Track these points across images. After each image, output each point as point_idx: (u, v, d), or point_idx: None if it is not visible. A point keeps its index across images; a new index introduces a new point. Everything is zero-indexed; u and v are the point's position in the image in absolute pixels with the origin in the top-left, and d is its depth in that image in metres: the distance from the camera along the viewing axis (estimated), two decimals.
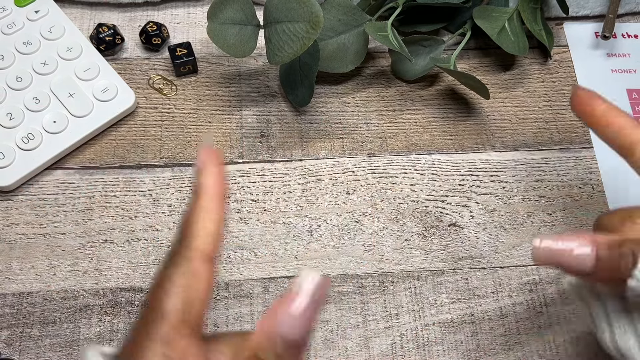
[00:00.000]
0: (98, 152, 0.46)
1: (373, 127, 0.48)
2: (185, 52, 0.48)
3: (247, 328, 0.41)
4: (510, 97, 0.50)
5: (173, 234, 0.43)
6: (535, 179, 0.47)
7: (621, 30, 0.53)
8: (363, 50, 0.47)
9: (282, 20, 0.42)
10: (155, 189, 0.45)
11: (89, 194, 0.45)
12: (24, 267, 0.42)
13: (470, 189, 0.46)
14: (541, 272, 0.43)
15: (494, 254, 0.44)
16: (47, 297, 0.41)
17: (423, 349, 0.41)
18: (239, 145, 0.47)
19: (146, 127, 0.47)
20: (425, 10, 0.50)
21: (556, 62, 0.52)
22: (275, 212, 0.45)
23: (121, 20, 0.51)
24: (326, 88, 0.49)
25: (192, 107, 0.48)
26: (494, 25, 0.48)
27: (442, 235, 0.44)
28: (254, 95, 0.49)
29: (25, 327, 0.40)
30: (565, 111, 0.49)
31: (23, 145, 0.44)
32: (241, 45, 0.44)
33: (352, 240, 0.44)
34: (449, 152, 0.47)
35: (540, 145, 0.48)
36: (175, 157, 0.46)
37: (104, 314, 0.41)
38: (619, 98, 0.50)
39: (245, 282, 0.42)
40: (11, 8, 0.48)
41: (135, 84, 0.48)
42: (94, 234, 0.43)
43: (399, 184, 0.46)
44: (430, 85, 0.50)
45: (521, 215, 0.45)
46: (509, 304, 0.42)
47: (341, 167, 0.46)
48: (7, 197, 0.44)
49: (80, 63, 0.47)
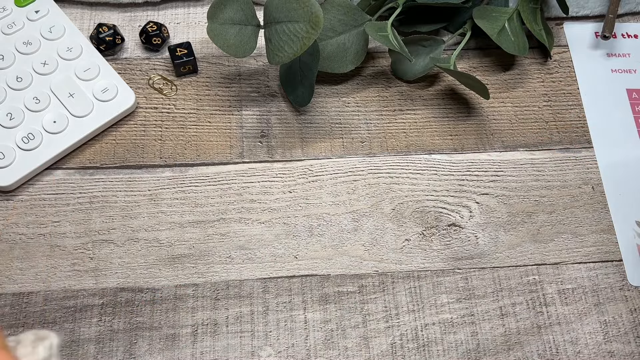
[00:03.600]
0: (98, 152, 0.46)
1: (373, 127, 0.48)
2: (185, 52, 0.48)
3: (247, 328, 0.41)
4: (510, 97, 0.50)
5: (173, 234, 0.43)
6: (535, 179, 0.47)
7: (621, 30, 0.53)
8: (363, 50, 0.47)
9: (282, 20, 0.42)
10: (155, 189, 0.45)
11: (89, 194, 0.45)
12: (24, 267, 0.42)
13: (470, 189, 0.46)
14: (541, 272, 0.43)
15: (494, 254, 0.44)
16: (47, 297, 0.41)
17: (423, 349, 0.41)
18: (239, 145, 0.47)
19: (146, 127, 0.47)
20: (425, 10, 0.50)
21: (556, 62, 0.52)
22: (275, 212, 0.45)
23: (121, 20, 0.51)
24: (326, 88, 0.49)
25: (192, 107, 0.48)
26: (494, 25, 0.48)
27: (442, 235, 0.44)
28: (254, 95, 0.49)
29: (25, 327, 0.40)
30: (565, 111, 0.49)
31: (23, 145, 0.44)
32: (241, 45, 0.44)
33: (352, 240, 0.44)
34: (449, 152, 0.47)
35: (540, 145, 0.48)
36: (175, 157, 0.46)
37: (104, 314, 0.41)
38: (619, 98, 0.50)
39: (245, 282, 0.42)
40: (11, 8, 0.48)
41: (135, 84, 0.49)
42: (94, 234, 0.43)
43: (399, 184, 0.46)
44: (430, 85, 0.50)
45: (521, 215, 0.45)
46: (509, 304, 0.42)
47: (341, 167, 0.46)
48: (7, 197, 0.44)
49: (80, 63, 0.47)
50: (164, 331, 0.41)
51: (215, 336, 0.41)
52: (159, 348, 0.40)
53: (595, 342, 0.41)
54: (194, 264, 0.43)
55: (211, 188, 0.45)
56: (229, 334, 0.41)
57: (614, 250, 0.44)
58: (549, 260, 0.44)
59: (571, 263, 0.44)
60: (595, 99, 0.50)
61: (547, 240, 0.45)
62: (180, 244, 0.43)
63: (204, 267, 0.43)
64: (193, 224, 0.44)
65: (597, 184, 0.47)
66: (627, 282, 0.43)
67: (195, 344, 0.40)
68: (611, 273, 0.44)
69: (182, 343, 0.40)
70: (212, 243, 0.43)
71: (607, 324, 0.42)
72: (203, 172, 0.46)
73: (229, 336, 0.41)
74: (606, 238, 0.45)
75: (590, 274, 0.44)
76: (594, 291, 0.43)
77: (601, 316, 0.42)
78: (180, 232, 0.44)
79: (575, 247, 0.44)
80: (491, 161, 0.47)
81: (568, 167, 0.47)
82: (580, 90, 0.50)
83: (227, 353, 0.40)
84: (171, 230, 0.44)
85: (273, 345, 0.41)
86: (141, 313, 0.41)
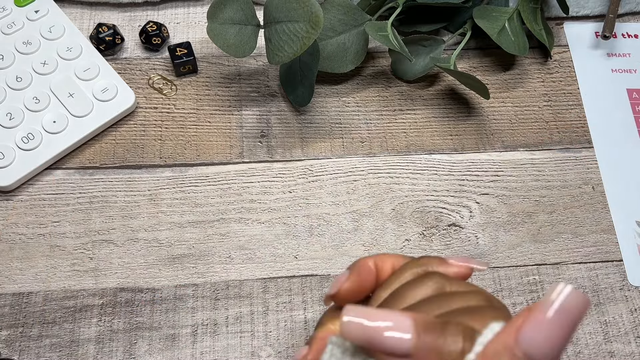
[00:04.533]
0: (98, 152, 0.46)
1: (373, 127, 0.48)
2: (185, 52, 0.48)
3: (247, 328, 0.41)
4: (510, 97, 0.50)
5: (173, 234, 0.43)
6: (535, 179, 0.47)
7: (621, 30, 0.53)
8: (363, 50, 0.47)
9: (282, 20, 0.42)
10: (155, 189, 0.45)
11: (89, 194, 0.45)
12: (24, 267, 0.42)
13: (470, 189, 0.46)
14: (541, 272, 0.43)
15: (494, 254, 0.44)
16: (47, 297, 0.41)
17: None
18: (239, 145, 0.47)
19: (146, 127, 0.47)
20: (425, 10, 0.50)
21: (556, 62, 0.52)
22: (275, 212, 0.45)
23: (121, 20, 0.51)
24: (326, 88, 0.49)
25: (192, 107, 0.48)
26: (494, 25, 0.48)
27: (442, 235, 0.44)
28: (254, 95, 0.49)
29: (25, 327, 0.40)
30: (565, 111, 0.49)
31: (23, 145, 0.44)
32: (241, 45, 0.44)
33: (352, 240, 0.44)
34: (449, 152, 0.47)
35: (540, 145, 0.48)
36: (175, 157, 0.46)
37: (104, 314, 0.41)
38: (619, 98, 0.50)
39: (245, 282, 0.42)
40: (11, 8, 0.48)
41: (135, 84, 0.48)
42: (94, 234, 0.43)
43: (399, 184, 0.46)
44: (430, 85, 0.50)
45: (521, 215, 0.45)
46: (509, 304, 0.42)
47: (341, 167, 0.46)
48: (7, 197, 0.44)
49: (80, 63, 0.47)
50: (163, 331, 0.40)
51: (215, 336, 0.41)
52: (158, 348, 0.40)
53: (595, 342, 0.41)
54: (194, 264, 0.43)
55: (211, 188, 0.45)
56: (228, 334, 0.41)
57: (614, 250, 0.44)
58: (549, 260, 0.44)
59: (571, 263, 0.44)
60: (595, 99, 0.50)
61: (547, 240, 0.45)
62: (180, 244, 0.43)
63: (203, 267, 0.43)
64: (193, 224, 0.44)
65: (597, 184, 0.47)
66: (627, 282, 0.43)
67: (195, 344, 0.40)
68: (611, 273, 0.44)
69: (182, 343, 0.40)
70: (212, 243, 0.43)
71: (607, 324, 0.42)
72: (203, 172, 0.46)
73: (228, 336, 0.41)
74: (606, 238, 0.45)
75: (590, 274, 0.44)
76: (594, 291, 0.43)
77: (601, 316, 0.42)
78: (180, 232, 0.43)
79: (576, 247, 0.44)
80: (491, 161, 0.47)
81: (568, 167, 0.47)
82: (580, 90, 0.50)
83: (227, 353, 0.40)
84: (171, 230, 0.44)
85: (273, 345, 0.40)
86: (141, 313, 0.41)
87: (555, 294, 0.22)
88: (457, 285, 0.28)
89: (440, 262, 0.30)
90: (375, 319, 0.24)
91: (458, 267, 0.30)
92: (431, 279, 0.28)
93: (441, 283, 0.28)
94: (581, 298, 0.22)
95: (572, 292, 0.22)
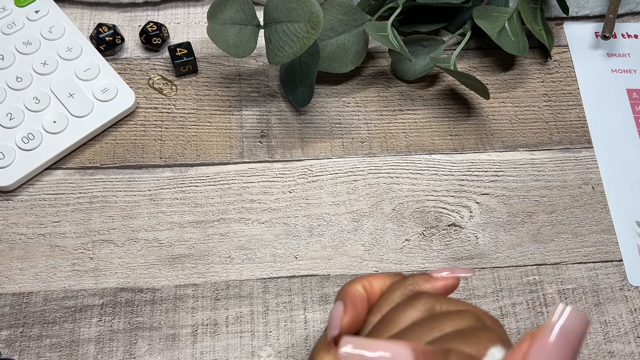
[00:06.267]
0: (98, 152, 0.46)
1: (373, 127, 0.48)
2: (185, 52, 0.48)
3: (247, 328, 0.41)
4: (510, 97, 0.50)
5: (173, 234, 0.43)
6: (535, 179, 0.47)
7: (621, 30, 0.53)
8: (363, 50, 0.47)
9: (282, 20, 0.42)
10: (155, 189, 0.45)
11: (89, 194, 0.45)
12: (24, 267, 0.42)
13: (470, 189, 0.46)
14: (541, 272, 0.43)
15: (494, 254, 0.44)
16: (47, 297, 0.41)
17: None
18: (239, 145, 0.47)
19: (146, 127, 0.47)
20: (425, 10, 0.50)
21: (556, 62, 0.52)
22: (275, 212, 0.45)
23: (121, 20, 0.51)
24: (326, 88, 0.49)
25: (192, 107, 0.48)
26: (494, 25, 0.48)
27: (442, 235, 0.44)
28: (254, 95, 0.49)
29: (25, 327, 0.40)
30: (565, 111, 0.49)
31: (23, 145, 0.44)
32: (241, 45, 0.44)
33: (352, 240, 0.44)
34: (449, 152, 0.47)
35: (540, 145, 0.48)
36: (175, 157, 0.46)
37: (104, 314, 0.41)
38: (619, 98, 0.50)
39: (245, 282, 0.42)
40: (11, 8, 0.48)
41: (135, 84, 0.48)
42: (94, 234, 0.43)
43: (399, 184, 0.46)
44: (430, 85, 0.50)
45: (521, 215, 0.45)
46: (509, 304, 0.42)
47: (341, 167, 0.46)
48: (7, 197, 0.44)
49: (80, 63, 0.47)
50: (164, 331, 0.41)
51: (215, 336, 0.41)
52: (159, 348, 0.40)
53: (595, 342, 0.41)
54: (194, 264, 0.43)
55: (211, 188, 0.45)
56: (229, 334, 0.41)
57: (614, 250, 0.44)
58: (549, 261, 0.44)
59: (571, 263, 0.44)
60: (595, 99, 0.50)
61: (547, 240, 0.45)
62: (180, 244, 0.43)
63: (204, 267, 0.43)
64: (193, 224, 0.44)
65: (597, 184, 0.47)
66: (627, 282, 0.43)
67: (195, 344, 0.40)
68: (611, 273, 0.44)
69: (182, 343, 0.40)
70: (212, 243, 0.43)
71: (607, 324, 0.42)
72: (203, 172, 0.46)
73: (229, 336, 0.41)
74: (606, 238, 0.45)
75: (590, 274, 0.44)
76: (594, 291, 0.43)
77: (601, 316, 0.42)
78: (180, 232, 0.44)
79: (576, 247, 0.44)
80: (491, 161, 0.47)
81: (568, 167, 0.47)
82: (580, 90, 0.50)
83: (227, 353, 0.40)
84: (171, 230, 0.44)
85: (273, 345, 0.40)
86: (141, 313, 0.41)
87: (556, 317, 0.23)
88: (447, 303, 0.28)
89: (426, 278, 0.30)
90: (374, 349, 0.24)
91: (444, 279, 0.30)
92: (419, 300, 0.28)
93: (430, 303, 0.28)
94: (582, 318, 0.23)
95: (573, 313, 0.23)
